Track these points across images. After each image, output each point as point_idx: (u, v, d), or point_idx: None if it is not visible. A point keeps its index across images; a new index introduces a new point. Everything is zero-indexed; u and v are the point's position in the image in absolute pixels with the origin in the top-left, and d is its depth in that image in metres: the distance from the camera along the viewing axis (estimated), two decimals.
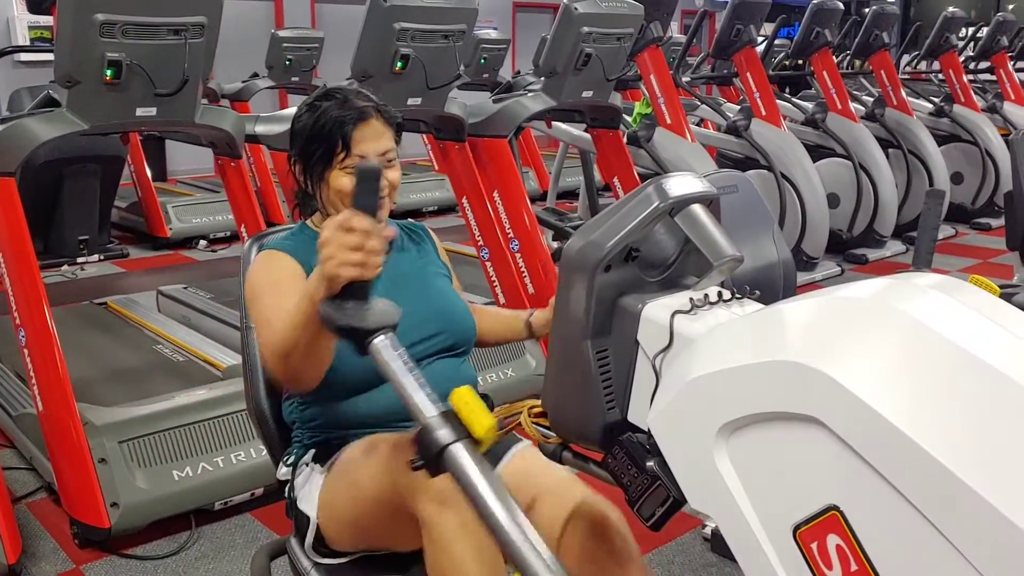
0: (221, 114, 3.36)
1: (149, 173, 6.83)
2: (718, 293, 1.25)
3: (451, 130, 4.14)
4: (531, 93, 4.37)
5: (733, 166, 5.70)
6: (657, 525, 1.17)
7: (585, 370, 1.22)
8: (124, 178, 6.50)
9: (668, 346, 1.17)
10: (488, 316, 1.94)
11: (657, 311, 1.20)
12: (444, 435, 1.11)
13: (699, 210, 1.26)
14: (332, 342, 1.39)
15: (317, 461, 1.67)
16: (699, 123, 6.38)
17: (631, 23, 4.27)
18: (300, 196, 1.83)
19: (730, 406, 1.01)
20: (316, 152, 1.67)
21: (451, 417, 1.13)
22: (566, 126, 5.68)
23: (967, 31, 8.87)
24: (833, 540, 0.92)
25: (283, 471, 1.75)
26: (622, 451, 1.20)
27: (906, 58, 8.58)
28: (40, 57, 8.01)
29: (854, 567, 0.91)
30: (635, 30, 4.36)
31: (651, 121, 5.41)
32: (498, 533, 1.09)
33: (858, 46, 6.84)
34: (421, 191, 7.84)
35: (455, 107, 4.04)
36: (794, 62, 7.28)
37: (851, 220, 6.18)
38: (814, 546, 0.94)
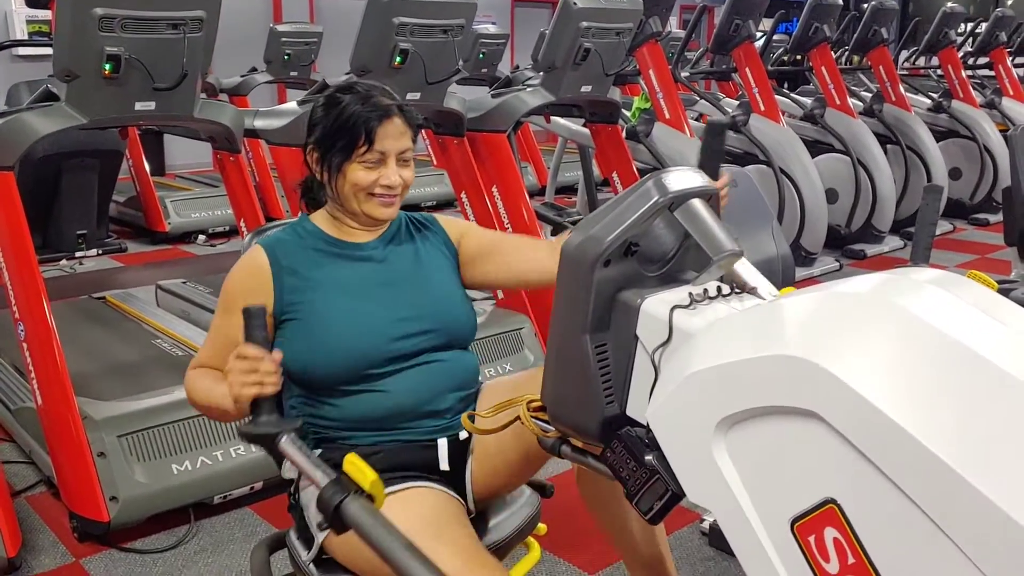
0: (220, 108, 3.36)
1: (147, 167, 6.82)
2: (717, 288, 1.26)
3: (450, 125, 4.14)
4: (530, 88, 4.37)
5: (732, 161, 5.71)
6: (656, 518, 1.18)
7: (584, 364, 1.22)
8: (122, 172, 6.49)
9: (667, 341, 1.18)
10: (529, 258, 1.88)
11: (656, 306, 1.21)
12: (336, 494, 1.28)
13: (699, 205, 1.26)
14: (229, 420, 1.69)
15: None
16: (698, 118, 6.38)
17: (630, 18, 4.27)
18: (308, 186, 1.83)
19: (729, 400, 1.02)
20: (337, 144, 1.69)
21: (343, 479, 1.30)
22: (565, 121, 5.68)
23: (966, 27, 8.87)
24: (830, 533, 0.93)
25: (287, 468, 1.76)
26: (621, 445, 1.20)
27: (905, 54, 8.58)
28: (38, 51, 8.00)
29: (851, 560, 0.91)
30: (634, 25, 4.36)
31: (650, 116, 5.41)
32: (403, 571, 1.20)
33: (857, 42, 6.83)
34: (420, 186, 7.84)
35: (454, 102, 4.04)
36: (793, 58, 7.28)
37: (849, 216, 6.19)
38: (811, 539, 0.94)
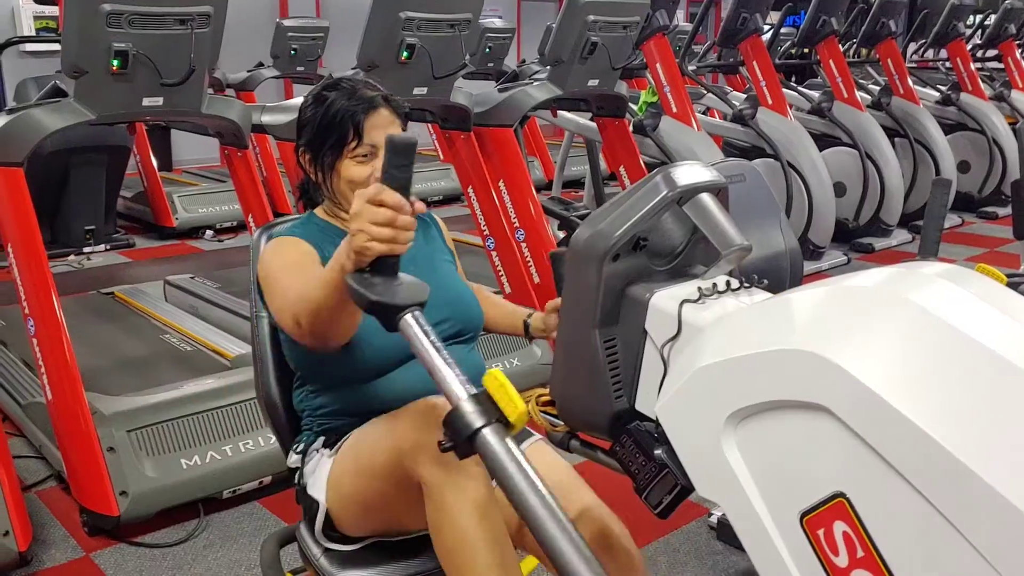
0: (227, 104, 3.36)
1: (155, 163, 6.83)
2: (726, 282, 1.26)
3: (457, 119, 4.14)
4: (537, 82, 4.37)
5: (739, 155, 5.70)
6: (665, 513, 1.18)
7: (593, 359, 1.23)
8: (130, 168, 6.51)
9: (676, 335, 1.18)
10: (490, 305, 1.95)
11: (665, 300, 1.21)
12: (476, 418, 1.10)
13: (707, 199, 1.26)
14: (359, 310, 1.35)
15: (327, 447, 1.68)
16: (705, 112, 6.37)
17: (637, 11, 4.26)
18: (304, 187, 1.84)
19: (738, 394, 1.02)
20: (327, 142, 1.68)
21: (484, 399, 1.11)
22: (572, 115, 5.68)
23: (974, 19, 8.83)
24: (840, 527, 0.93)
25: (293, 459, 1.76)
26: (630, 439, 1.20)
27: (913, 46, 8.54)
28: (46, 47, 8.01)
29: (860, 553, 0.92)
30: (641, 18, 4.36)
31: (657, 110, 5.40)
32: (532, 520, 1.06)
33: (865, 34, 6.81)
34: (426, 180, 7.84)
35: (461, 97, 4.04)
36: (800, 51, 7.26)
37: (857, 209, 6.17)
38: (821, 533, 0.95)
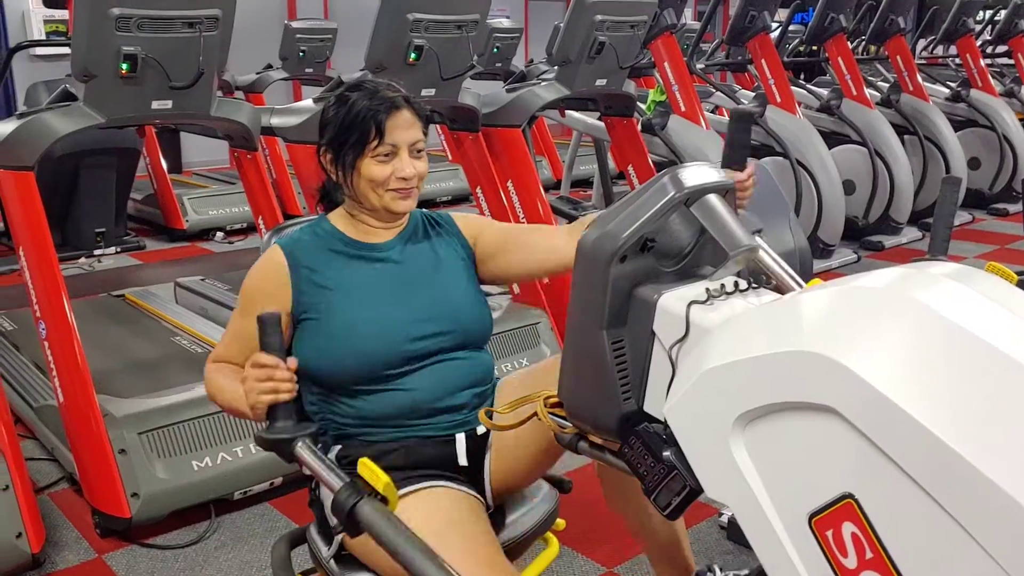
0: (236, 106, 3.37)
1: (165, 165, 6.86)
2: (734, 283, 1.26)
3: (465, 120, 4.14)
4: (544, 82, 4.37)
5: (749, 153, 5.68)
6: (674, 514, 1.18)
7: (601, 360, 1.23)
8: (140, 171, 6.54)
9: (684, 336, 1.18)
10: (542, 248, 1.85)
11: (673, 301, 1.21)
12: (351, 497, 1.31)
13: (715, 200, 1.26)
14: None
15: (339, 462, 1.68)
16: (713, 110, 6.35)
17: (644, 10, 4.26)
18: (325, 188, 1.84)
19: (746, 396, 1.02)
20: (349, 141, 1.69)
21: (356, 482, 1.33)
22: (580, 114, 5.67)
23: (984, 14, 8.79)
24: (848, 528, 0.93)
25: None
26: (638, 441, 1.20)
27: (922, 43, 8.51)
28: (56, 51, 8.05)
29: (869, 555, 0.91)
30: (648, 17, 4.35)
31: (665, 108, 5.39)
32: (415, 570, 1.23)
33: (873, 31, 6.78)
34: (435, 181, 7.85)
35: (469, 97, 4.04)
36: (809, 48, 7.23)
37: (867, 207, 6.15)
38: (829, 534, 0.94)
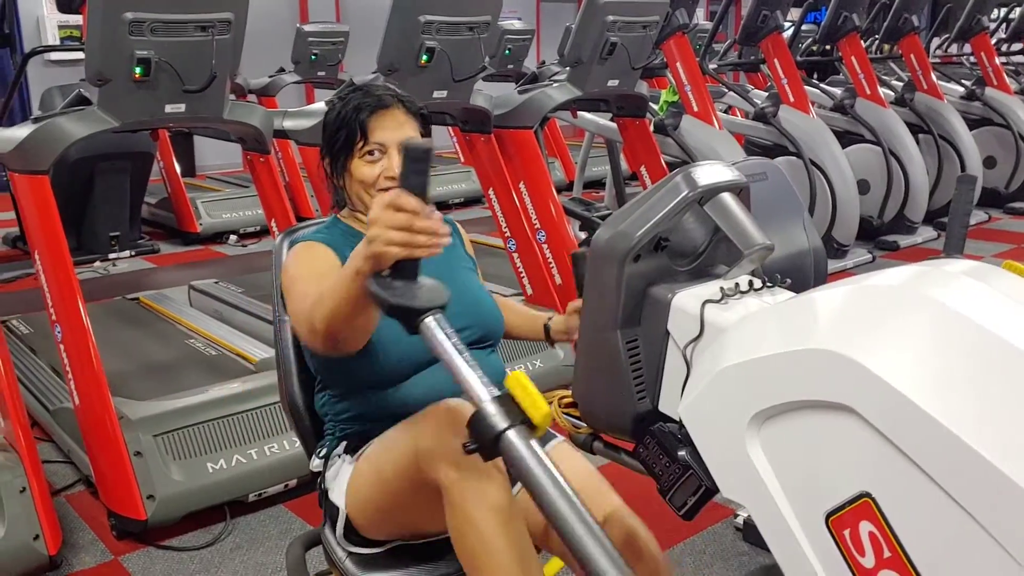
0: (249, 110, 3.38)
1: (178, 169, 6.89)
2: (749, 282, 1.25)
3: (477, 122, 4.14)
4: (556, 83, 4.37)
5: (761, 153, 5.67)
6: (689, 514, 1.18)
7: (615, 360, 1.23)
8: (154, 175, 6.57)
9: (699, 336, 1.17)
10: (511, 310, 1.95)
11: (687, 300, 1.20)
12: (500, 420, 1.09)
13: (729, 198, 1.25)
14: (376, 312, 1.37)
15: (348, 452, 1.69)
16: (726, 110, 6.34)
17: (656, 11, 4.25)
18: (334, 196, 1.84)
19: (762, 395, 1.01)
20: (338, 141, 1.70)
21: (507, 401, 1.10)
22: (592, 115, 5.67)
23: (999, 12, 8.73)
24: (866, 527, 0.92)
25: (316, 463, 1.77)
26: (653, 441, 1.20)
27: (936, 41, 8.47)
28: (70, 56, 8.10)
29: (887, 554, 0.91)
30: (660, 18, 4.35)
31: (678, 109, 5.38)
32: (557, 520, 1.05)
33: (887, 30, 6.75)
34: (447, 183, 7.86)
35: (480, 99, 4.05)
36: (822, 48, 7.20)
37: (881, 206, 6.12)
38: (847, 533, 0.94)
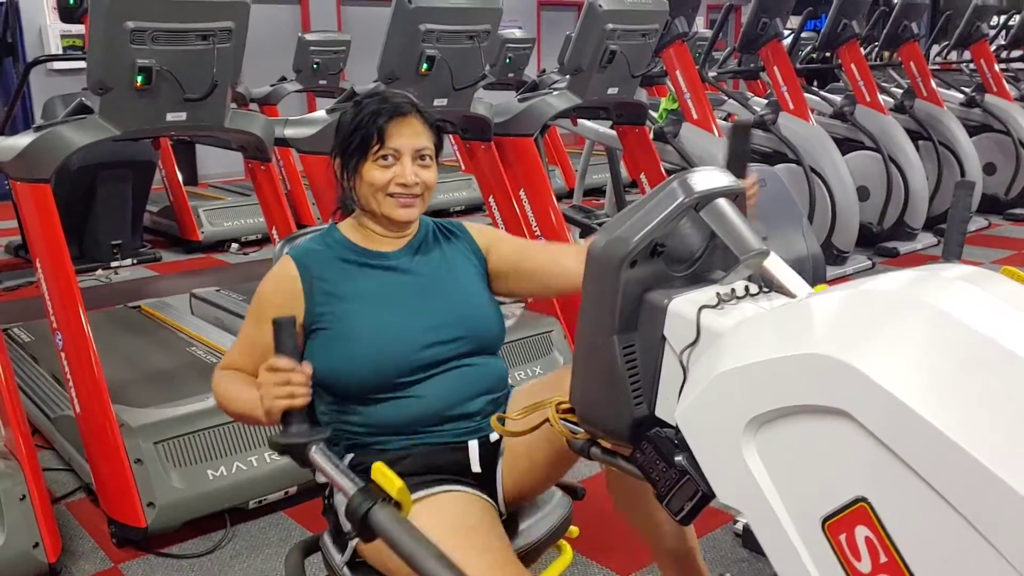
0: (250, 118, 3.39)
1: (180, 177, 6.91)
2: (745, 287, 1.25)
3: (477, 130, 4.15)
4: (556, 91, 4.38)
5: (761, 160, 5.67)
6: (686, 519, 1.18)
7: (612, 366, 1.23)
8: (156, 183, 6.58)
9: (695, 341, 1.18)
10: (572, 255, 1.85)
11: (684, 306, 1.21)
12: (364, 502, 1.29)
13: (724, 204, 1.26)
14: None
15: (354, 470, 1.68)
16: (726, 118, 6.35)
17: (656, 19, 4.26)
18: (342, 200, 1.85)
19: (758, 400, 1.01)
20: (352, 144, 1.71)
21: (370, 487, 1.31)
22: (592, 123, 5.68)
23: (998, 19, 8.75)
24: (862, 532, 0.92)
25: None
26: (650, 446, 1.20)
27: (936, 48, 8.49)
28: (72, 65, 8.13)
29: (883, 559, 0.91)
30: (660, 26, 4.36)
31: (678, 117, 5.40)
32: None
33: (887, 37, 6.76)
34: (448, 191, 7.87)
35: (481, 107, 4.06)
36: (822, 55, 7.22)
37: (881, 213, 6.13)
38: (843, 538, 0.94)
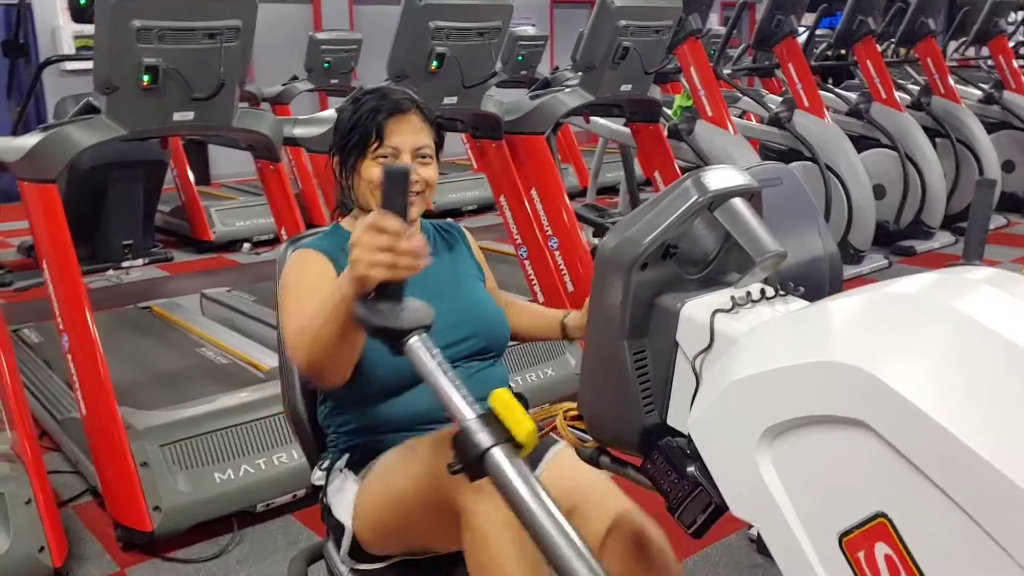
0: (258, 117, 3.36)
1: (192, 177, 6.90)
2: (761, 290, 1.21)
3: (487, 128, 4.12)
4: (568, 88, 4.34)
5: (776, 158, 5.62)
6: (699, 532, 1.13)
7: (622, 372, 1.18)
8: (169, 183, 6.57)
9: (708, 346, 1.13)
10: (525, 313, 1.93)
11: (697, 310, 1.16)
12: (484, 438, 1.08)
13: (740, 204, 1.21)
14: (361, 339, 1.38)
15: (350, 468, 1.66)
16: (741, 115, 6.29)
17: (669, 15, 4.22)
18: (340, 197, 1.82)
19: (773, 409, 0.97)
20: (351, 142, 1.68)
21: (491, 419, 1.10)
22: (605, 121, 5.63)
23: (1016, 15, 8.65)
24: (881, 549, 0.88)
25: (317, 475, 1.74)
26: (661, 456, 1.16)
27: (953, 44, 8.39)
28: (85, 66, 8.11)
29: None
30: (673, 22, 4.31)
31: (692, 114, 5.34)
32: (542, 540, 1.05)
33: (903, 33, 6.69)
34: (459, 190, 7.84)
35: (491, 105, 4.02)
36: (837, 52, 7.14)
37: (898, 211, 6.06)
38: (861, 555, 0.89)
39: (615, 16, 3.99)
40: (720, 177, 1.21)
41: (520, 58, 7.98)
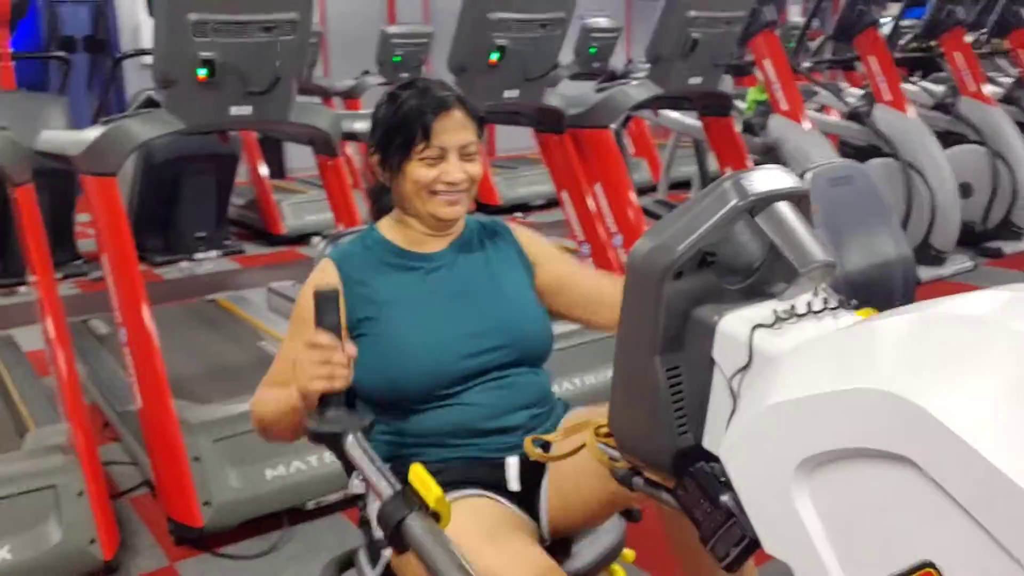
0: (316, 112, 3.34)
1: (266, 171, 6.97)
2: (807, 304, 1.11)
3: (550, 122, 4.03)
4: (636, 81, 4.23)
5: (855, 154, 5.41)
6: (733, 566, 1.04)
7: (655, 390, 1.09)
8: (243, 176, 6.66)
9: (747, 365, 1.04)
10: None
11: (735, 324, 1.06)
12: (399, 509, 1.25)
13: (784, 208, 1.11)
14: (298, 428, 1.50)
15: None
16: (820, 109, 6.08)
17: (740, 6, 4.08)
18: (375, 192, 1.77)
19: (812, 438, 0.88)
20: (395, 142, 1.62)
21: (407, 492, 1.27)
22: (676, 114, 5.51)
23: None
24: None
25: (356, 484, 1.69)
26: (693, 483, 1.07)
27: None
28: None
29: None
30: (745, 13, 4.17)
31: (766, 108, 5.18)
32: None
33: (996, 24, 6.38)
34: (528, 184, 7.77)
35: (554, 98, 3.93)
36: (924, 43, 6.86)
37: (986, 211, 5.78)
38: None
39: (684, 6, 3.88)
40: (763, 179, 1.11)
41: (592, 50, 7.85)
